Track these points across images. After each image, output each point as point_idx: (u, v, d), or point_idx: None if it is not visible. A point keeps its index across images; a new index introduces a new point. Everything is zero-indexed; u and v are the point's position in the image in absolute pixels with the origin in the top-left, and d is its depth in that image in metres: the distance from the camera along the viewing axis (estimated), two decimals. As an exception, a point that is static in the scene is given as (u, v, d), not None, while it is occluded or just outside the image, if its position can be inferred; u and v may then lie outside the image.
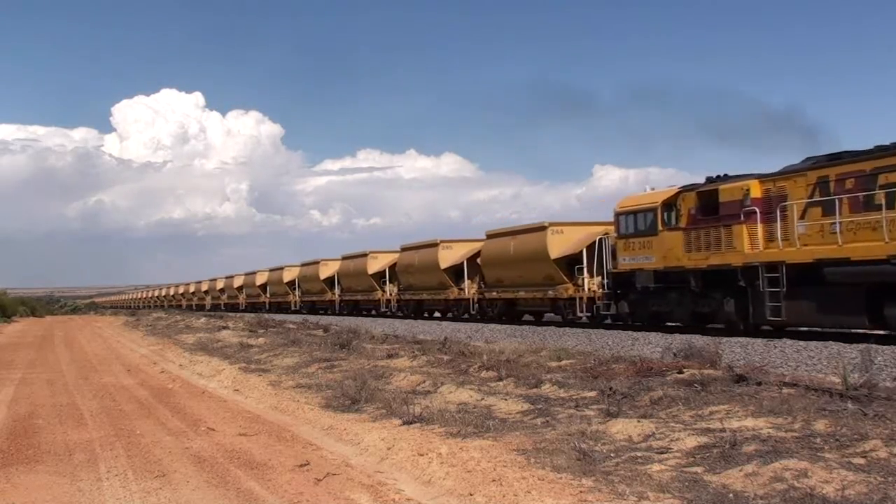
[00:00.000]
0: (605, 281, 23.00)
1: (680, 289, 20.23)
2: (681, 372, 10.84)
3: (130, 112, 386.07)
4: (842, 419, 7.31)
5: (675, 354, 13.10)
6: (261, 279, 61.61)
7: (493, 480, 6.31)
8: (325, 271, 48.12)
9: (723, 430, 7.23)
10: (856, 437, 6.68)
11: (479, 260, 31.31)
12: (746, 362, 12.67)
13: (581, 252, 24.57)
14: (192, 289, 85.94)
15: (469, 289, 32.16)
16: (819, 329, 17.35)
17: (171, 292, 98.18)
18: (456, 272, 33.03)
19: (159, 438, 9.31)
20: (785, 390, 8.95)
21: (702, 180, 20.35)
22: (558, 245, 25.55)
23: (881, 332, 15.63)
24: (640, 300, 21.74)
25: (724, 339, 16.04)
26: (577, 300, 24.33)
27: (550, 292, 25.84)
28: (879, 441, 6.46)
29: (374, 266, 40.74)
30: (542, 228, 26.49)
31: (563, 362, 13.48)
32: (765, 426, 7.40)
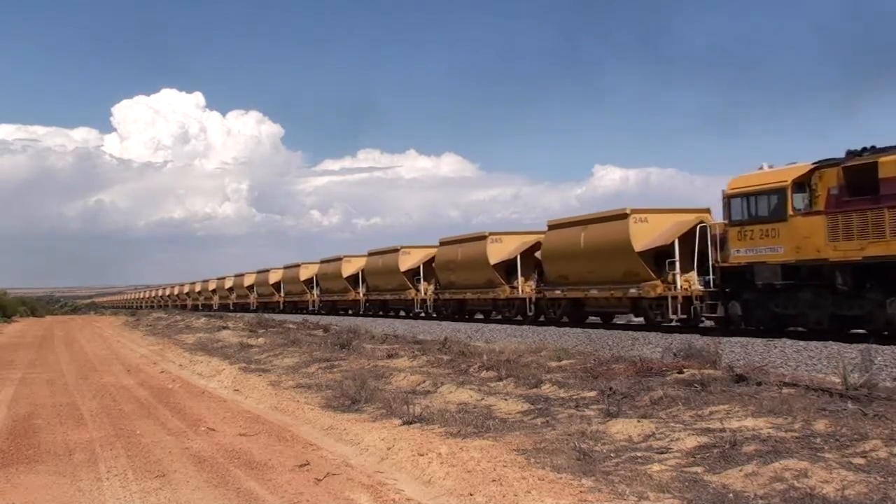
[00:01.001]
0: (710, 277, 19.12)
1: (816, 287, 16.77)
2: (681, 372, 10.84)
3: (131, 112, 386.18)
4: (842, 419, 7.31)
5: (675, 354, 13.11)
6: (274, 277, 57.37)
7: (493, 480, 6.31)
8: (349, 268, 44.30)
9: (723, 430, 7.23)
10: (856, 437, 6.69)
11: (538, 254, 27.44)
12: (746, 362, 12.67)
13: (672, 243, 20.88)
14: (198, 288, 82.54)
15: (523, 286, 28.29)
16: (820, 328, 17.08)
17: (176, 291, 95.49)
18: (507, 268, 29.14)
19: (159, 438, 9.31)
20: (785, 390, 8.95)
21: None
22: (643, 235, 21.65)
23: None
24: (759, 300, 18.07)
25: (724, 339, 16.03)
26: (669, 300, 20.78)
27: (633, 290, 22.00)
28: (879, 441, 6.46)
29: (406, 263, 36.99)
30: (622, 216, 22.47)
31: (563, 362, 13.48)
32: (765, 426, 7.40)
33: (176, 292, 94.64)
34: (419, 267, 36.42)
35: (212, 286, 76.20)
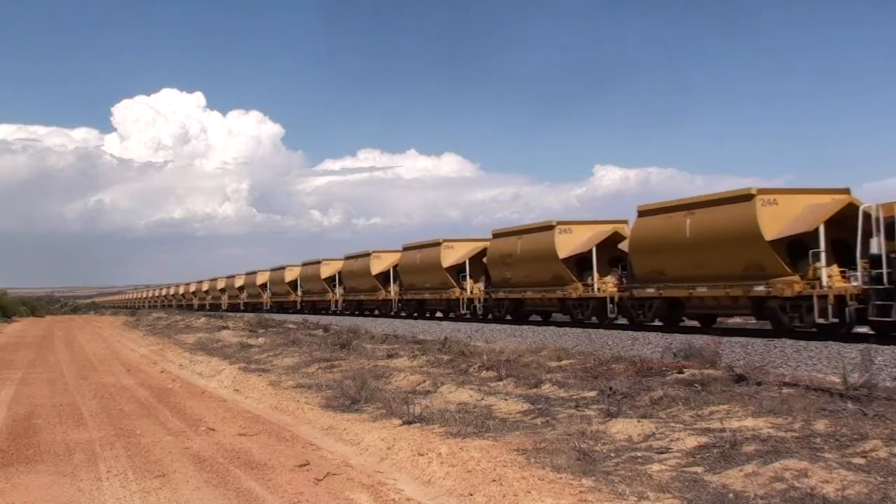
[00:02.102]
0: (879, 271, 15.82)
1: None
2: (681, 372, 10.84)
3: (131, 112, 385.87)
4: (842, 419, 7.31)
5: (675, 354, 13.12)
6: (290, 275, 53.10)
7: (493, 480, 6.31)
8: (379, 265, 39.56)
9: (723, 430, 7.23)
10: (856, 437, 6.69)
11: (623, 245, 23.80)
12: (746, 362, 12.67)
13: (817, 230, 17.69)
14: (205, 287, 78.59)
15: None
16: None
17: (181, 291, 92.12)
18: (578, 263, 25.45)
19: (159, 438, 9.31)
20: (785, 390, 8.96)
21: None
22: (774, 221, 18.34)
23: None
24: None
25: (725, 339, 16.02)
26: (815, 299, 17.24)
27: (759, 287, 18.42)
28: (879, 441, 6.46)
29: (449, 258, 32.35)
30: (746, 197, 18.63)
31: (563, 362, 13.48)
32: (765, 426, 7.40)
33: (181, 291, 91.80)
34: (465, 262, 31.89)
35: (220, 285, 72.34)
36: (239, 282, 66.39)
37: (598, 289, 24.43)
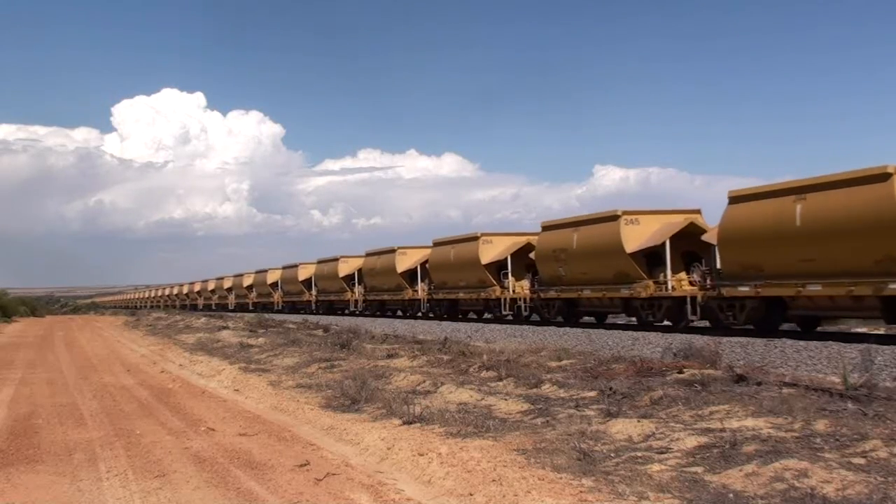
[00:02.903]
0: None
1: None
2: (681, 372, 10.84)
3: (131, 112, 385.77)
4: (842, 419, 7.31)
5: (675, 354, 13.11)
6: (304, 273, 49.83)
7: (493, 480, 6.31)
8: (405, 262, 36.72)
9: (723, 430, 7.23)
10: (856, 437, 6.69)
11: (709, 237, 20.03)
12: (746, 362, 12.67)
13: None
14: (211, 286, 76.06)
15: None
16: (820, 329, 16.90)
17: (185, 290, 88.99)
18: (647, 258, 22.85)
19: (159, 438, 9.31)
20: (785, 390, 8.96)
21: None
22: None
23: (881, 332, 15.41)
24: None
25: (724, 339, 16.02)
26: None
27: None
28: (879, 441, 6.46)
29: (488, 254, 29.25)
30: (883, 176, 15.37)
31: (563, 362, 13.48)
32: (765, 426, 7.40)
33: (185, 291, 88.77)
34: (506, 259, 29.12)
35: (227, 284, 69.35)
36: (248, 280, 63.09)
37: (673, 287, 21.19)
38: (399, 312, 38.22)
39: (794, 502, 5.32)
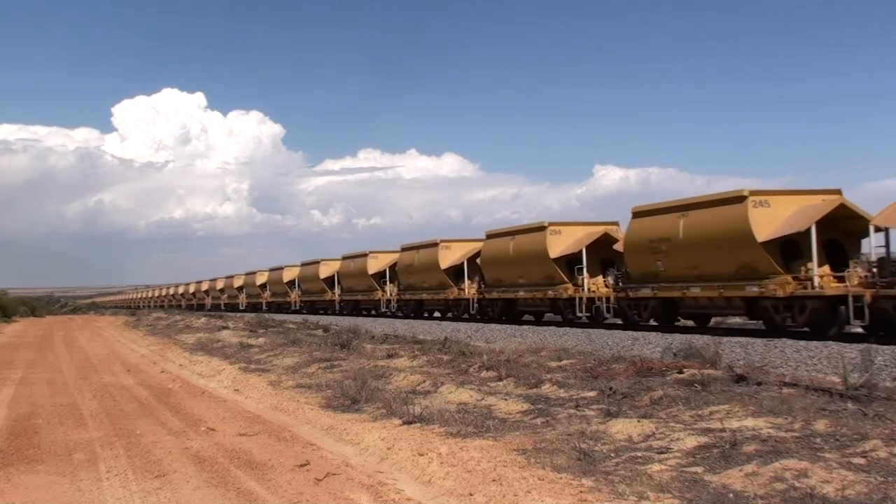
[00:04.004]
0: None
1: None
2: (681, 372, 10.84)
3: (131, 112, 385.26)
4: (842, 419, 7.31)
5: (675, 354, 13.12)
6: (326, 270, 47.19)
7: (493, 480, 6.31)
8: (449, 257, 32.75)
9: (723, 430, 7.23)
10: (856, 437, 6.69)
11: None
12: (746, 362, 12.67)
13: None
14: (219, 285, 73.59)
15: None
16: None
17: (192, 290, 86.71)
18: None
19: (159, 438, 9.31)
20: (785, 390, 8.96)
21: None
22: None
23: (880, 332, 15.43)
24: None
25: (724, 339, 16.03)
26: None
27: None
28: (879, 441, 6.46)
29: (556, 247, 26.00)
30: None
31: (563, 362, 13.48)
32: (765, 426, 7.40)
33: (192, 290, 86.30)
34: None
35: (238, 282, 66.93)
36: (261, 279, 60.83)
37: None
38: (437, 314, 35.33)
39: (794, 502, 5.32)
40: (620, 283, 23.18)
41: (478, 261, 30.09)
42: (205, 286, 78.85)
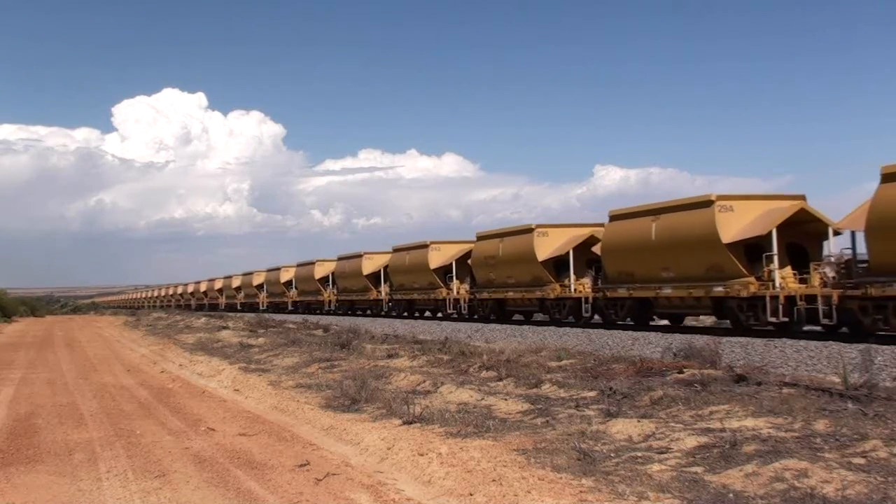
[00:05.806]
0: None
1: None
2: (681, 372, 10.85)
3: (132, 112, 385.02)
4: (842, 419, 7.31)
5: (675, 354, 13.13)
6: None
7: (493, 480, 6.31)
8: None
9: (723, 430, 7.23)
10: (856, 437, 6.69)
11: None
12: (746, 362, 12.68)
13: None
14: (217, 285, 72.98)
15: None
16: (819, 329, 16.96)
17: (191, 290, 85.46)
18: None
19: (159, 438, 9.31)
20: (785, 390, 8.96)
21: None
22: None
23: (882, 332, 15.45)
24: None
25: (725, 339, 16.03)
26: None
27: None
28: (879, 441, 6.46)
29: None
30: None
31: (563, 362, 13.48)
32: (765, 426, 7.40)
33: (190, 290, 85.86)
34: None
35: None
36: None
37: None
38: (428, 313, 35.47)
39: (794, 502, 5.32)
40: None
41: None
42: (203, 286, 78.78)
